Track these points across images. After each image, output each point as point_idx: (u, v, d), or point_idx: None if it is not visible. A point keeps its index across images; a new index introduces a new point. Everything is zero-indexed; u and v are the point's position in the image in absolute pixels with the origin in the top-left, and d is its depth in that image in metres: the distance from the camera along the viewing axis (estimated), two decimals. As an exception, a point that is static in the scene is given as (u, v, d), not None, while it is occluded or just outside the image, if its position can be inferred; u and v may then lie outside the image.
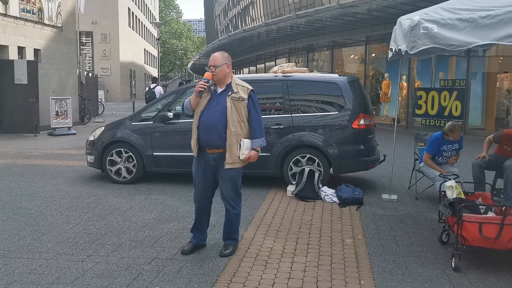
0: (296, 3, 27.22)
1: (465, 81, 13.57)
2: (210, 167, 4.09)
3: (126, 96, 42.22)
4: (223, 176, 4.07)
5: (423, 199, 6.25)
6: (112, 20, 39.16)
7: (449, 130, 5.87)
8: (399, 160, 8.72)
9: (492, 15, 4.22)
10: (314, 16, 17.58)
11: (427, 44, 4.75)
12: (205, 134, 3.98)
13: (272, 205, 5.94)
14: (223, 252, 4.15)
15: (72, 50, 17.22)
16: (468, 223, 3.83)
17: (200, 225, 4.25)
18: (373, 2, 13.87)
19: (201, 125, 3.99)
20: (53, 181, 7.32)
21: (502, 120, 14.03)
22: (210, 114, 3.97)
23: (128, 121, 7.27)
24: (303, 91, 6.92)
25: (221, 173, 4.06)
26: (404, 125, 15.86)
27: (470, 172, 6.21)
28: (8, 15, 13.44)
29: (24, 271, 3.74)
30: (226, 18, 50.52)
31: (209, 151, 4.01)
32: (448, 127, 5.91)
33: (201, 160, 4.08)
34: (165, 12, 76.74)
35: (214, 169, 4.09)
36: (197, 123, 4.00)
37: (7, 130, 13.56)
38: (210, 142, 3.99)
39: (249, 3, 38.88)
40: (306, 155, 6.66)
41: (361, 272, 3.81)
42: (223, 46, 33.49)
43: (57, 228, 4.88)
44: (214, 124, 3.95)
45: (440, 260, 4.10)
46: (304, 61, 25.54)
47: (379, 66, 19.09)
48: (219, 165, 4.04)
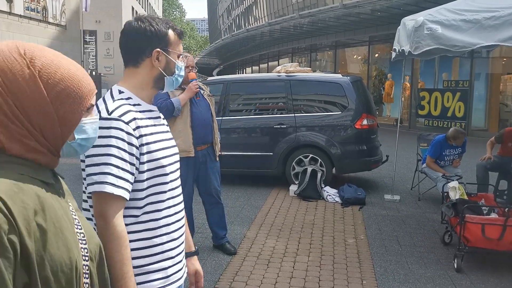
0: (299, 3, 27.20)
1: (469, 82, 13.52)
2: (195, 166, 3.95)
3: (129, 95, 42.27)
4: (212, 170, 4.08)
5: (426, 200, 6.25)
6: (115, 19, 39.19)
7: (452, 137, 5.81)
8: (401, 160, 8.71)
9: (496, 16, 4.22)
10: (318, 16, 17.57)
11: (431, 45, 4.75)
12: (201, 132, 3.95)
13: (274, 204, 5.95)
14: (231, 249, 4.21)
15: (76, 48, 17.28)
16: (470, 224, 3.83)
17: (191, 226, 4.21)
18: (376, 2, 13.85)
19: (196, 123, 3.92)
20: (56, 179, 7.33)
21: (505, 121, 13.99)
22: (200, 111, 3.99)
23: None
24: (306, 91, 6.92)
25: (210, 167, 4.06)
26: (407, 126, 15.83)
27: (473, 173, 6.20)
28: (12, 13, 13.49)
29: (27, 269, 3.75)
30: (230, 18, 50.54)
31: (198, 148, 3.94)
32: (451, 134, 5.82)
33: (189, 161, 3.86)
34: (168, 11, 76.85)
35: (201, 166, 4.00)
36: (189, 122, 3.89)
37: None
38: (206, 138, 4.00)
39: (252, 3, 38.88)
40: (308, 155, 6.66)
41: (363, 272, 3.82)
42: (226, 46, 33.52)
43: (60, 226, 4.89)
44: (207, 120, 4.03)
45: (443, 261, 4.10)
46: (307, 61, 25.54)
47: (382, 67, 19.07)
48: (208, 159, 4.03)
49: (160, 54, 1.50)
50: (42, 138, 0.90)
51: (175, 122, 3.82)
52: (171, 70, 1.54)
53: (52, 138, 0.91)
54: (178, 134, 3.74)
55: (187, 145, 3.82)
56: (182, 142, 3.75)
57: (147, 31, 1.48)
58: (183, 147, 3.73)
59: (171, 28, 1.52)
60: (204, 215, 4.53)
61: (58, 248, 0.86)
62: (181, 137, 3.77)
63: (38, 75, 0.87)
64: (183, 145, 3.75)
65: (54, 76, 0.89)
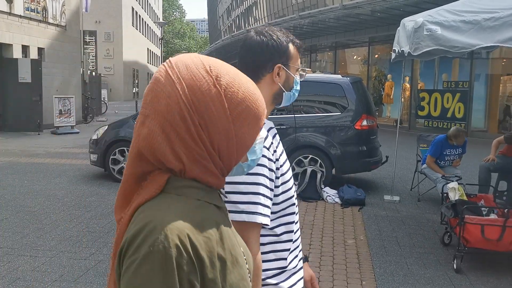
0: (299, 3, 27.22)
1: (468, 83, 13.55)
2: None
3: (129, 95, 42.31)
4: None
5: (425, 201, 6.25)
6: (115, 19, 39.23)
7: (454, 136, 5.83)
8: (401, 161, 8.72)
9: (495, 18, 4.22)
10: (318, 17, 17.59)
11: (430, 46, 4.76)
12: None
13: (274, 205, 5.95)
14: None
15: (76, 49, 17.28)
16: (470, 225, 3.83)
17: None
18: (376, 3, 13.87)
19: None
20: (56, 179, 7.35)
21: (505, 122, 14.00)
22: None
23: (131, 120, 7.29)
24: (306, 91, 6.91)
25: None
26: (406, 127, 15.84)
27: (473, 174, 6.21)
28: (12, 13, 13.49)
29: (27, 269, 3.76)
30: (230, 18, 50.56)
31: None
32: (452, 133, 5.85)
33: None
34: (168, 12, 76.87)
35: None
36: None
37: (10, 128, 13.61)
38: None
39: (252, 4, 38.90)
40: (308, 156, 6.66)
41: (363, 272, 3.82)
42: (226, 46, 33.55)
43: (60, 226, 4.90)
44: None
45: (442, 261, 4.10)
46: (307, 62, 25.56)
47: (382, 67, 19.08)
48: None
49: (281, 70, 1.45)
50: (218, 160, 0.85)
51: None
52: (290, 85, 1.49)
53: (227, 159, 0.86)
54: None
55: None
56: None
57: (269, 46, 1.42)
58: None
59: (291, 42, 1.46)
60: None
61: (235, 277, 0.82)
62: None
63: (223, 94, 0.83)
64: None
65: (237, 95, 0.84)
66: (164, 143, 0.80)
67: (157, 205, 0.79)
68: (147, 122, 0.81)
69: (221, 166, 0.86)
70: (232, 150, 0.86)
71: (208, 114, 0.81)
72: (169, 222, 0.75)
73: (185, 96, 0.80)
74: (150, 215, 0.77)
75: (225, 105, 0.82)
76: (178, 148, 0.81)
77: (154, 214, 0.77)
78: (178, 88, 0.81)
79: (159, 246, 0.72)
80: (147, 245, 0.72)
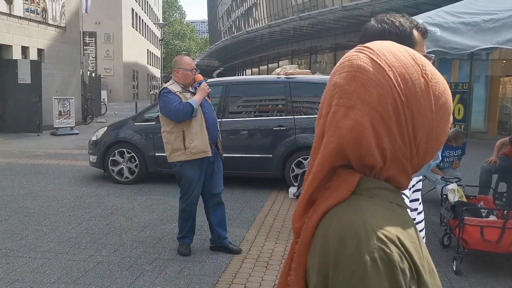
0: (299, 5, 27.24)
1: (468, 84, 13.56)
2: (206, 166, 4.08)
3: (129, 97, 42.32)
4: (219, 169, 4.18)
5: (425, 202, 6.21)
6: (115, 20, 39.26)
7: (453, 137, 5.82)
8: (401, 162, 8.71)
9: (495, 19, 4.22)
10: (317, 18, 17.62)
11: (429, 47, 4.75)
12: (214, 132, 4.09)
13: (273, 206, 5.95)
14: (235, 248, 4.24)
15: (76, 50, 17.29)
16: (469, 226, 3.82)
17: (195, 226, 4.29)
18: (376, 5, 13.89)
19: (210, 124, 4.05)
20: (55, 180, 7.34)
21: (504, 123, 14.00)
22: (209, 111, 4.12)
23: (130, 122, 7.29)
24: (306, 93, 6.93)
25: (217, 166, 4.16)
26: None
27: (472, 175, 6.20)
28: (12, 15, 13.50)
29: (26, 270, 3.75)
30: (230, 20, 50.61)
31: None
32: (451, 134, 5.82)
33: (203, 161, 4.03)
34: (168, 13, 76.92)
35: (209, 165, 4.10)
36: (204, 123, 4.00)
37: (10, 129, 13.61)
38: (215, 137, 4.12)
39: (252, 5, 38.94)
40: (308, 157, 6.65)
41: (362, 274, 3.81)
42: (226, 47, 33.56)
43: (59, 228, 4.89)
44: (215, 119, 4.17)
45: (441, 263, 4.09)
46: (307, 63, 25.58)
47: (382, 69, 19.10)
48: (215, 158, 4.12)
49: None
50: (416, 158, 0.77)
51: (191, 124, 3.94)
52: None
53: (422, 157, 0.78)
54: (195, 135, 3.92)
55: (204, 145, 3.95)
56: (200, 143, 3.93)
57: (392, 34, 1.34)
58: (201, 147, 3.92)
59: (415, 28, 1.37)
60: (202, 216, 4.53)
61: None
62: (198, 138, 3.93)
63: (430, 85, 0.76)
64: (201, 145, 3.93)
65: (438, 87, 0.77)
66: (371, 137, 0.73)
67: (353, 208, 0.71)
68: (351, 114, 0.73)
69: (416, 165, 0.78)
70: (429, 147, 0.78)
71: (417, 106, 0.75)
72: (377, 226, 0.68)
73: (398, 86, 0.74)
74: (350, 219, 0.69)
75: (432, 97, 0.76)
76: (385, 144, 0.73)
77: (354, 218, 0.69)
78: (391, 77, 0.74)
79: (379, 253, 0.65)
80: (365, 252, 0.66)
